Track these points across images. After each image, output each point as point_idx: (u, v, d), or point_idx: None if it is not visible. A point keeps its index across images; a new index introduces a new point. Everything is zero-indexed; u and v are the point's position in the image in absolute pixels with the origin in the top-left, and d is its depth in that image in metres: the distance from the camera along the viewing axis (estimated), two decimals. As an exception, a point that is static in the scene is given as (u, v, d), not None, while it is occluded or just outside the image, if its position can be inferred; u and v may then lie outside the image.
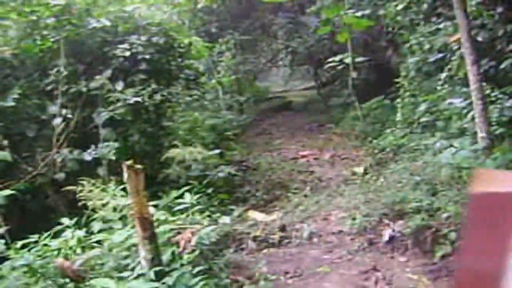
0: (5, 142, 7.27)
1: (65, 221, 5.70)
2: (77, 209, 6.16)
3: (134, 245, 4.83)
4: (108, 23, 8.18)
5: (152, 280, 4.29)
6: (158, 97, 7.99)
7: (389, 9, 11.42)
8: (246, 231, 6.61)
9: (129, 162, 4.77)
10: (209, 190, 7.40)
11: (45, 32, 8.30)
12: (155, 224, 5.16)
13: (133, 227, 4.85)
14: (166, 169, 7.89)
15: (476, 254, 0.94)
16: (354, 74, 12.33)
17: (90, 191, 6.10)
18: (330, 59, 12.42)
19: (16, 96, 7.75)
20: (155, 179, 7.86)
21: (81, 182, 6.17)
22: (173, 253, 4.89)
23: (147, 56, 8.13)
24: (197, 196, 6.51)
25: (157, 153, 8.24)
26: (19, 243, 4.94)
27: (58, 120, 7.72)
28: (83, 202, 5.99)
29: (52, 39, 8.19)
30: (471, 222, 0.97)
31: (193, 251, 4.93)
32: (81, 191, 6.09)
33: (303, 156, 11.33)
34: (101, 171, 7.42)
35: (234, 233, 6.54)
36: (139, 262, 4.58)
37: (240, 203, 8.12)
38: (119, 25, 8.53)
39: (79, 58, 8.27)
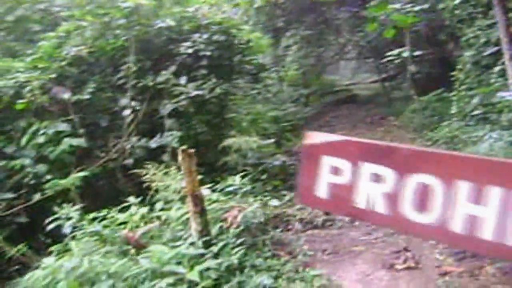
0: (81, 131, 8.19)
1: (131, 199, 6.44)
2: (142, 190, 6.91)
3: (188, 219, 5.48)
4: (173, 23, 8.94)
5: (200, 248, 4.94)
6: (218, 90, 8.64)
7: (447, 2, 11.56)
8: (294, 214, 7.13)
9: (184, 147, 5.43)
10: (264, 177, 8.02)
11: (117, 32, 9.15)
12: (209, 203, 5.85)
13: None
14: (225, 157, 8.53)
15: (305, 176, 1.52)
16: (412, 68, 12.57)
17: (154, 174, 6.87)
18: (388, 53, 12.70)
19: (91, 90, 8.66)
20: (215, 165, 8.53)
21: (146, 166, 6.94)
22: (221, 227, 5.53)
23: (208, 53, 8.81)
24: (252, 182, 7.13)
25: (218, 142, 8.90)
26: (91, 215, 5.71)
27: (127, 112, 8.55)
28: (148, 184, 6.76)
29: (123, 38, 9.04)
30: (302, 159, 1.56)
31: (238, 226, 5.55)
32: (146, 174, 6.86)
33: (361, 148, 11.70)
34: (165, 157, 8.17)
35: (283, 215, 7.08)
36: (191, 234, 5.25)
37: (292, 189, 8.63)
38: (183, 24, 9.25)
39: (147, 55, 9.07)
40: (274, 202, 6.89)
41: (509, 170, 1.14)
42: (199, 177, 5.65)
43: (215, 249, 4.98)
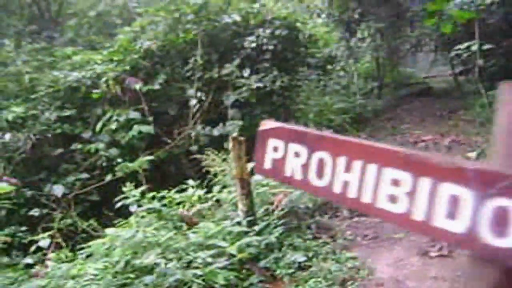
0: (150, 119, 8.85)
1: (190, 182, 6.99)
2: (203, 174, 7.45)
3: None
4: (238, 18, 9.42)
5: (244, 227, 5.40)
6: (278, 83, 9.05)
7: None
8: None
9: (235, 135, 5.89)
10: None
11: (187, 27, 9.74)
12: (259, 187, 6.31)
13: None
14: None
15: (258, 152, 1.94)
16: (480, 62, 12.43)
17: (213, 160, 7.40)
18: (457, 47, 12.60)
19: (161, 81, 9.32)
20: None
21: (207, 152, 7.48)
22: (266, 209, 5.96)
23: (271, 47, 9.22)
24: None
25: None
26: (151, 194, 6.30)
27: (194, 101, 9.13)
28: (208, 169, 7.30)
29: (192, 33, 9.63)
30: (257, 140, 1.97)
31: (283, 210, 5.96)
32: (205, 159, 7.40)
33: (423, 141, 11.76)
34: (227, 145, 8.68)
35: (333, 203, 7.40)
36: (238, 214, 5.72)
37: None
38: (249, 19, 9.72)
39: (213, 49, 9.61)
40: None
41: (383, 153, 1.55)
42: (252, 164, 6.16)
43: (258, 228, 5.41)
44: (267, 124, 1.92)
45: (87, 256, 5.13)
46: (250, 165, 5.55)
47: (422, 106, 17.13)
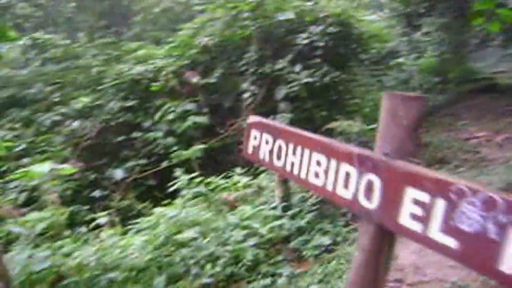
0: (205, 110, 9.41)
1: (237, 169, 7.48)
2: (251, 163, 7.92)
3: (277, 187, 6.39)
4: (292, 16, 9.81)
5: (278, 211, 5.84)
6: (328, 78, 9.38)
7: None
8: None
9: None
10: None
11: (243, 24, 10.22)
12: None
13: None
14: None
15: (246, 140, 2.37)
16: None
17: (261, 150, 7.85)
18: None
19: (218, 75, 9.86)
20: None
21: (255, 143, 7.93)
22: (303, 196, 6.36)
23: (322, 44, 9.57)
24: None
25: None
26: (197, 179, 6.83)
27: (247, 95, 9.61)
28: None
29: (250, 29, 10.10)
30: (245, 131, 2.40)
31: (318, 197, 6.34)
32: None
33: (476, 137, 11.76)
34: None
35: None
36: (275, 199, 6.16)
37: None
38: (303, 17, 10.09)
39: (267, 45, 10.04)
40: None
41: (312, 141, 1.99)
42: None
43: (291, 213, 5.84)
44: (252, 118, 2.37)
45: (136, 232, 5.71)
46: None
47: (484, 102, 16.86)
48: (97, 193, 8.27)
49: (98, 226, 6.89)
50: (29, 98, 10.76)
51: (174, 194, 7.08)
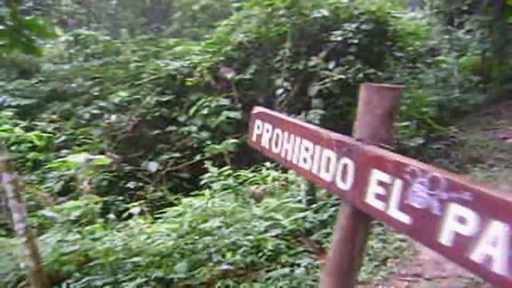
0: (239, 105, 9.58)
1: (267, 164, 7.63)
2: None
3: (303, 182, 6.51)
4: (326, 13, 9.88)
5: (303, 205, 5.97)
6: (361, 75, 9.42)
7: None
8: None
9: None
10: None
11: (279, 21, 10.35)
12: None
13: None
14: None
15: (252, 130, 2.52)
16: None
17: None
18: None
19: (252, 71, 10.02)
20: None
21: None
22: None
23: (355, 41, 9.61)
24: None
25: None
26: (226, 172, 7.01)
27: (280, 91, 9.74)
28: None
29: (283, 27, 10.23)
30: (250, 121, 2.54)
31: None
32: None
33: (513, 137, 11.58)
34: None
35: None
36: (300, 193, 6.28)
37: None
38: (338, 14, 10.15)
39: (302, 42, 10.14)
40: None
41: (302, 129, 2.13)
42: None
43: (315, 206, 5.95)
44: (256, 109, 2.51)
45: (164, 221, 5.92)
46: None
47: (526, 101, 16.51)
48: (131, 185, 8.52)
49: (130, 216, 7.17)
50: (70, 92, 11.18)
51: (205, 187, 7.28)
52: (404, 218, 1.46)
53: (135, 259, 4.54)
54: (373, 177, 1.60)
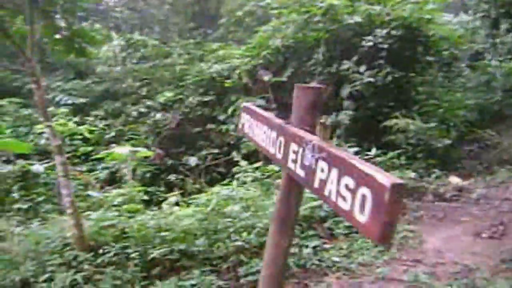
0: (274, 106, 10.26)
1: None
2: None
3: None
4: (359, 19, 10.42)
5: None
6: (390, 78, 9.89)
7: None
8: (433, 188, 8.05)
9: (322, 120, 7.04)
10: (420, 155, 9.12)
11: (314, 27, 10.96)
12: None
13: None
14: (390, 136, 9.75)
15: (240, 120, 3.16)
16: None
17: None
18: None
19: (288, 74, 10.67)
20: (381, 142, 9.75)
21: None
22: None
23: (385, 46, 10.10)
24: (407, 158, 8.42)
25: (388, 123, 10.10)
26: (255, 165, 7.69)
27: (314, 93, 10.32)
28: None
29: (319, 32, 10.83)
30: (240, 114, 3.19)
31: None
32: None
33: (548, 142, 11.71)
34: (339, 132, 9.79)
35: (421, 188, 8.06)
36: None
37: (449, 170, 9.37)
38: (369, 20, 10.66)
39: (335, 46, 10.72)
40: (411, 174, 8.02)
41: (278, 125, 2.75)
42: (356, 149, 7.78)
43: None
44: (245, 104, 3.15)
45: (193, 205, 6.67)
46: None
47: None
48: (172, 177, 9.32)
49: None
50: (120, 92, 12.17)
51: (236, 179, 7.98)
52: (301, 173, 2.14)
53: (163, 233, 5.29)
54: (291, 148, 2.29)
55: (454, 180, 8.78)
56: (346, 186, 1.79)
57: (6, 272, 4.48)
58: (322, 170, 1.97)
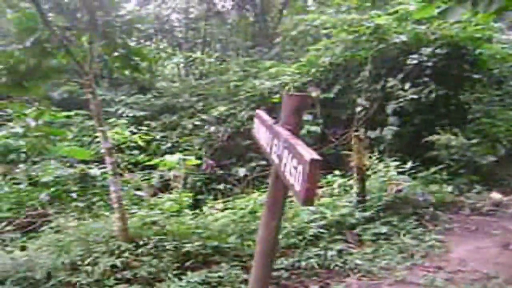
0: (320, 121, 10.73)
1: (336, 172, 8.69)
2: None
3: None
4: (404, 39, 10.77)
5: (352, 203, 6.99)
6: (433, 95, 10.14)
7: None
8: (470, 202, 8.14)
9: (357, 133, 7.47)
10: (462, 171, 9.29)
11: (362, 46, 11.39)
12: (383, 178, 7.77)
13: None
14: (434, 151, 9.96)
15: (255, 125, 3.70)
16: None
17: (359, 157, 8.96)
18: None
19: (336, 90, 11.13)
20: (424, 157, 9.95)
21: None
22: (379, 195, 7.37)
23: (430, 64, 10.37)
24: (449, 174, 8.67)
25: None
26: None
27: (359, 109, 10.74)
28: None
29: (366, 51, 11.24)
30: (255, 120, 3.74)
31: (396, 197, 7.30)
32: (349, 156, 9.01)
33: None
34: (382, 146, 10.12)
35: (459, 202, 8.20)
36: (352, 195, 7.31)
37: (492, 186, 9.36)
38: (415, 39, 10.98)
39: (381, 64, 11.08)
40: (448, 188, 8.24)
41: (273, 128, 3.32)
42: (395, 163, 8.07)
43: (362, 205, 6.94)
44: (259, 113, 3.67)
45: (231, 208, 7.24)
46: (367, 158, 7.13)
47: None
48: (221, 186, 9.93)
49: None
50: (178, 106, 13.00)
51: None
52: (276, 160, 2.70)
53: (199, 231, 5.88)
54: (273, 143, 2.82)
55: (495, 196, 8.85)
56: (294, 166, 2.33)
57: (58, 256, 5.21)
58: (286, 157, 2.51)
